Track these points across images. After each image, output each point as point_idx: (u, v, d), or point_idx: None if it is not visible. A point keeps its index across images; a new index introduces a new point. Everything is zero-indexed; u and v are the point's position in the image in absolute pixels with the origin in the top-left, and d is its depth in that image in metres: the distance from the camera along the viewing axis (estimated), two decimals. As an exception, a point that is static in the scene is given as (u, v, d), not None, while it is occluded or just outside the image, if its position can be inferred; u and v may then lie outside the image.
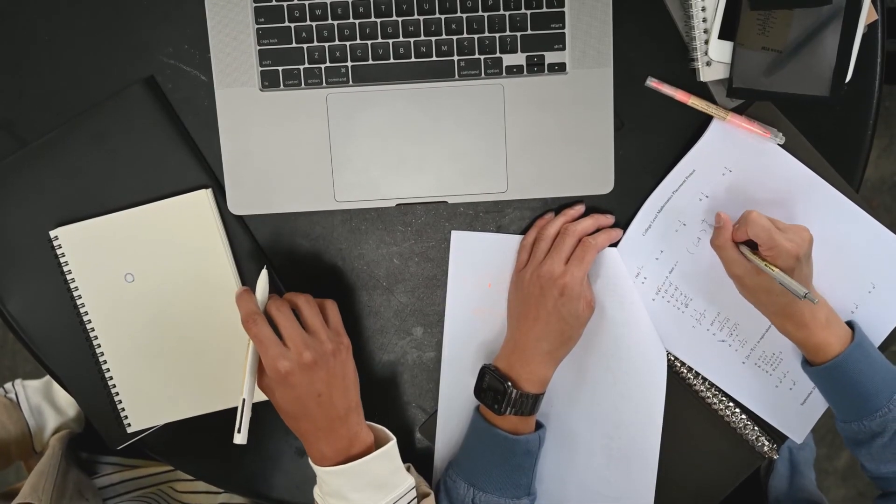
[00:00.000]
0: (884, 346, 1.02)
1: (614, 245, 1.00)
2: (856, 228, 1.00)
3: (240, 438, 0.88)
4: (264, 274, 0.91)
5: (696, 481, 1.06)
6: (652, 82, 0.98)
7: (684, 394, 1.03)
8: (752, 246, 0.91)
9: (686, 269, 1.01)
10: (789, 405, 1.04)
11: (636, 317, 1.00)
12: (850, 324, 0.97)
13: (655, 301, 1.01)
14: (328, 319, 0.92)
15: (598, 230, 0.99)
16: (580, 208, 1.00)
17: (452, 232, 1.00)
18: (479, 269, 1.01)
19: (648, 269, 1.01)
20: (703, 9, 0.94)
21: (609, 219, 1.00)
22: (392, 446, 0.91)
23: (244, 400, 0.88)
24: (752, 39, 0.93)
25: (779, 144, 0.97)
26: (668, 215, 1.00)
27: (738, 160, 0.99)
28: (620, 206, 1.01)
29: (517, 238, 1.00)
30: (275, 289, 0.98)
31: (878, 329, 1.02)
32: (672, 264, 1.01)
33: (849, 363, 0.92)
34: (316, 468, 0.91)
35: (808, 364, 0.96)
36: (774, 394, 1.03)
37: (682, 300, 1.01)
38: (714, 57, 0.95)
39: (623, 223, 1.01)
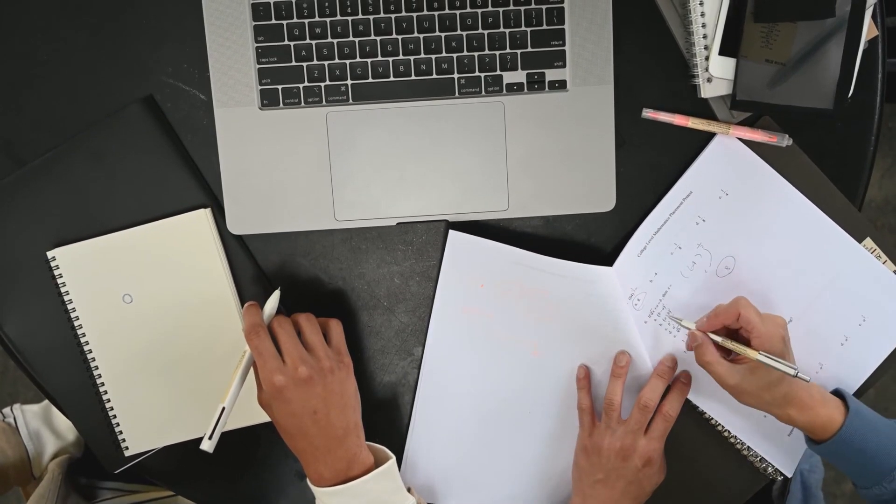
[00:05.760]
0: (873, 380, 1.02)
1: (602, 253, 0.99)
2: (848, 260, 1.00)
3: (208, 445, 0.88)
4: (276, 294, 0.92)
5: (700, 502, 1.05)
6: (648, 112, 0.98)
7: (686, 415, 1.02)
8: (730, 336, 0.93)
9: (679, 293, 1.00)
10: (776, 437, 1.03)
11: (628, 339, 0.99)
12: (836, 392, 0.96)
13: (647, 324, 1.00)
14: (331, 338, 0.92)
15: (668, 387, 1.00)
16: (626, 361, 0.99)
17: (450, 231, 0.98)
18: (473, 271, 1.00)
19: (642, 291, 1.00)
20: (704, 25, 0.94)
21: (669, 360, 1.00)
22: (391, 465, 0.91)
23: (223, 408, 0.88)
24: (756, 52, 0.93)
25: (786, 146, 0.97)
26: (665, 238, 0.99)
27: (735, 183, 0.98)
28: (622, 223, 1.00)
29: (515, 250, 0.97)
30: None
31: (866, 362, 1.02)
32: (666, 287, 1.00)
33: (853, 431, 0.91)
34: (314, 489, 0.90)
35: (813, 443, 0.95)
36: (763, 424, 1.02)
37: (675, 324, 1.00)
38: (715, 73, 0.95)
39: (623, 241, 1.00)
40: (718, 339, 0.92)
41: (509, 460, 1.04)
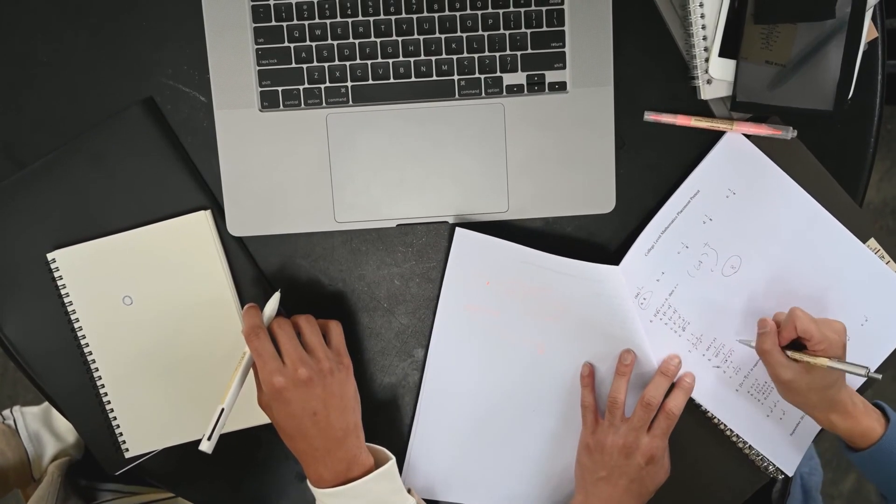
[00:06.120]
0: (871, 380, 1.02)
1: (603, 255, 0.99)
2: (853, 261, 1.01)
3: (207, 446, 0.88)
4: (277, 295, 0.92)
5: (700, 500, 1.05)
6: (650, 115, 0.98)
7: (688, 413, 1.02)
8: (793, 347, 0.92)
9: (685, 293, 1.00)
10: (780, 435, 1.03)
11: (633, 337, 0.99)
12: (877, 405, 0.97)
13: (653, 323, 1.00)
14: (330, 340, 0.92)
15: (671, 384, 1.00)
16: (631, 359, 0.99)
17: (457, 229, 0.98)
18: (479, 268, 0.99)
19: (649, 290, 1.00)
20: (704, 27, 0.94)
21: (674, 359, 1.00)
22: (391, 466, 0.91)
23: (223, 409, 0.88)
24: (756, 53, 0.93)
25: (791, 138, 0.97)
26: (672, 237, 0.99)
27: (742, 183, 0.98)
28: (622, 225, 1.00)
29: (522, 249, 0.97)
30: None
31: (867, 362, 1.01)
32: (672, 287, 1.00)
33: (891, 443, 0.93)
34: (314, 490, 0.90)
35: (850, 451, 0.96)
36: (766, 423, 1.03)
37: (680, 323, 1.00)
38: (715, 75, 0.95)
39: (623, 242, 1.01)
40: (787, 353, 0.92)
41: (512, 458, 1.04)
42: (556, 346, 1.01)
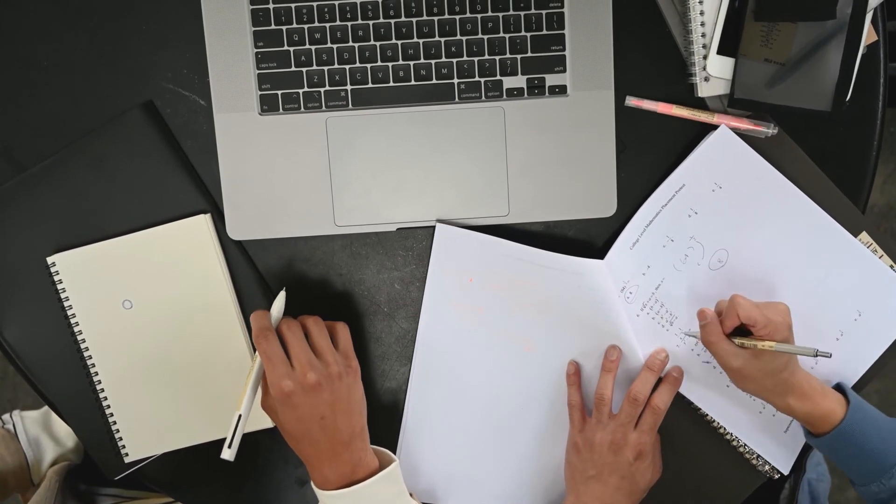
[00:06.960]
0: (867, 378, 1.01)
1: (600, 257, 0.98)
2: (845, 255, 0.99)
3: (228, 454, 0.87)
4: (282, 295, 0.91)
5: (697, 501, 1.05)
6: (632, 101, 0.97)
7: (683, 412, 1.01)
8: (740, 333, 0.92)
9: (672, 287, 0.99)
10: (773, 433, 1.02)
11: (619, 332, 0.98)
12: (837, 388, 0.95)
13: (640, 317, 1.00)
14: (338, 342, 0.92)
15: (658, 379, 0.99)
16: (617, 355, 0.98)
17: (437, 224, 0.98)
18: (461, 264, 0.99)
19: (635, 284, 0.99)
20: (703, 24, 0.94)
21: (660, 353, 0.99)
22: (395, 468, 0.90)
23: (240, 416, 0.88)
24: (755, 51, 0.93)
25: (770, 136, 0.96)
26: (657, 230, 0.98)
27: (729, 177, 0.97)
28: (623, 228, 1.00)
29: (503, 242, 0.97)
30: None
31: (862, 358, 1.01)
32: (659, 280, 0.99)
33: (854, 424, 0.91)
34: (318, 492, 0.89)
35: (812, 436, 0.95)
36: (758, 420, 1.02)
37: (668, 318, 1.00)
38: (712, 72, 0.94)
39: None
40: (734, 340, 0.91)
41: (502, 459, 1.03)
42: (542, 343, 1.00)
